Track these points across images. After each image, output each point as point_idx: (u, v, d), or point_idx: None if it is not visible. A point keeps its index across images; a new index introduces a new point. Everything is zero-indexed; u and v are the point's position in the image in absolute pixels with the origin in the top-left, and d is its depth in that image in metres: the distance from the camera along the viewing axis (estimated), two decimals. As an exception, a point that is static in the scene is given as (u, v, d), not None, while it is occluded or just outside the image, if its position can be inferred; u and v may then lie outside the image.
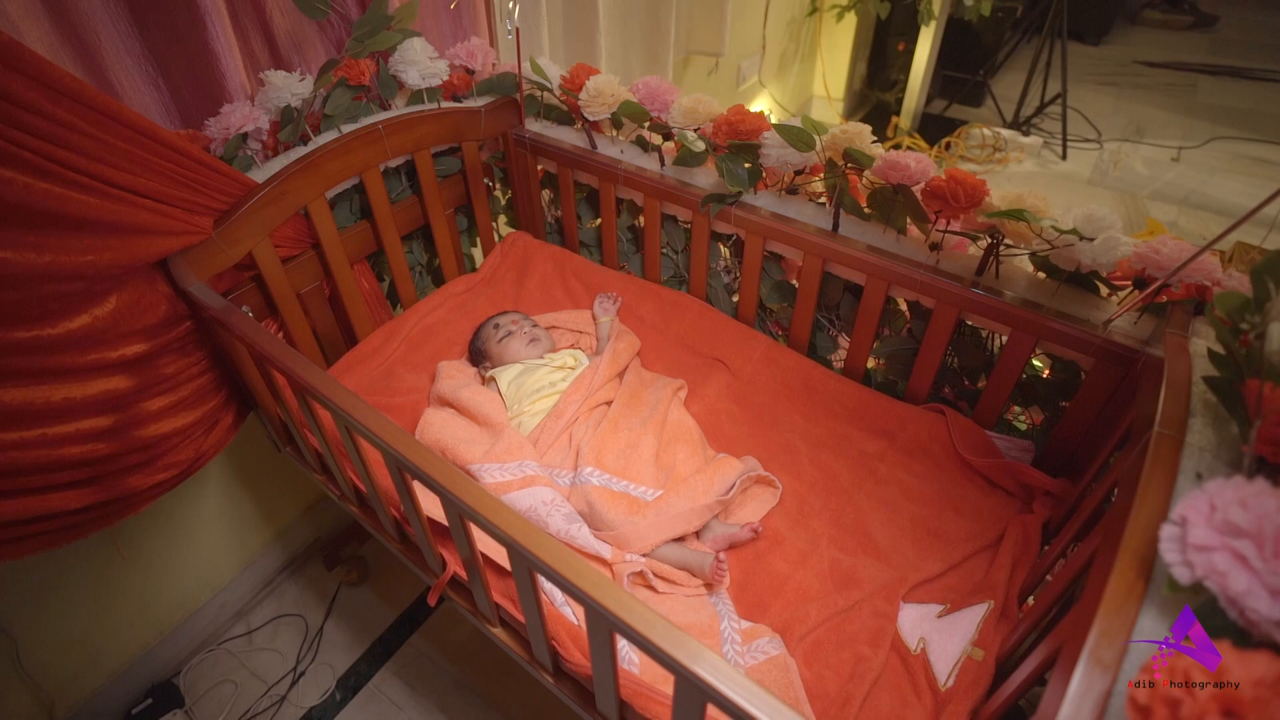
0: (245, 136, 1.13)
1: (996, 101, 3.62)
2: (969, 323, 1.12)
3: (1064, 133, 3.41)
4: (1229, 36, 4.46)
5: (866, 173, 1.12)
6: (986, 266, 1.04)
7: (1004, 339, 1.12)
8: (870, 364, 1.27)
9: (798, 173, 1.20)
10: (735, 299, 1.40)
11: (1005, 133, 3.47)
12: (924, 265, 1.08)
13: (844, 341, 1.31)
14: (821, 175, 1.21)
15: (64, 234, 0.81)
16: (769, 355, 1.32)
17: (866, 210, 1.15)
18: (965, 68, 3.59)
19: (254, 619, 1.67)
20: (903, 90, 3.41)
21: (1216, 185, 3.10)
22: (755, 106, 3.08)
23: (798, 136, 1.10)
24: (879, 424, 1.22)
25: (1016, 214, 0.90)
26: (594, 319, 1.42)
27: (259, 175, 1.13)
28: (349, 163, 1.23)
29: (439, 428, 1.10)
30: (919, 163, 1.04)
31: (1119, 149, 3.48)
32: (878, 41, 3.46)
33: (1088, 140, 3.53)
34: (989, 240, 1.03)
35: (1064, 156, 3.41)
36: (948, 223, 1.06)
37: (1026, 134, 3.53)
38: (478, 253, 1.66)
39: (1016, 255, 1.04)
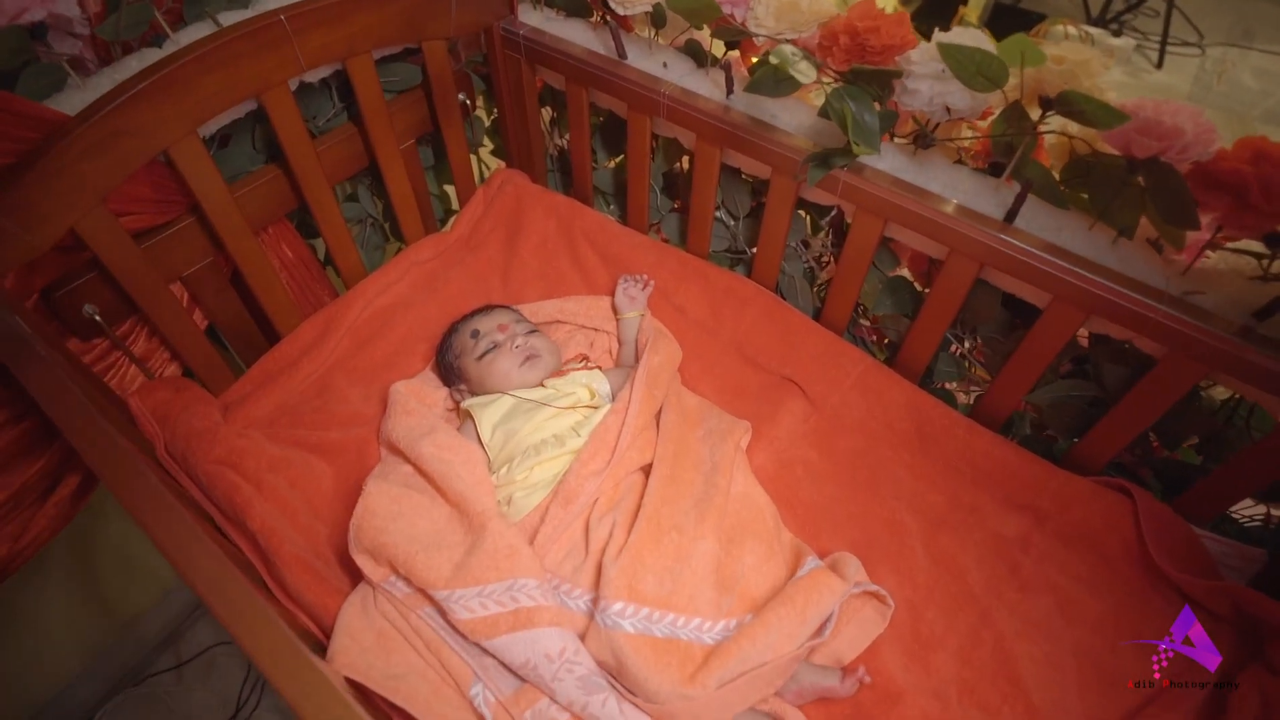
0: (41, 31, 0.67)
1: (1085, -10, 3.00)
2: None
3: (1164, 34, 2.84)
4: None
5: (1073, 128, 0.70)
6: (1281, 308, 0.64)
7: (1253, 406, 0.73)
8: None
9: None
10: (818, 290, 0.99)
11: (1093, 32, 2.89)
12: (1160, 293, 0.67)
13: (972, 366, 0.92)
14: (988, 124, 0.77)
15: None
16: (867, 381, 0.93)
17: (1062, 189, 0.73)
18: (1053, -56, 2.94)
19: (184, 648, 1.36)
20: (977, -29, 2.79)
21: (1346, 107, 2.60)
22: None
23: (980, 65, 0.66)
24: (1025, 496, 0.86)
25: None
26: (614, 312, 1.01)
27: (71, 102, 0.68)
28: (236, 76, 0.77)
29: (385, 518, 0.72)
30: (1195, 124, 0.61)
31: (1224, 56, 2.92)
32: (951, -94, 2.80)
33: (1187, 44, 2.96)
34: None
35: (1159, 64, 2.86)
36: (1219, 229, 0.65)
37: (1117, 34, 2.95)
38: (452, 191, 1.21)
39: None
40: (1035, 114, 0.72)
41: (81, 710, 1.27)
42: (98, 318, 0.78)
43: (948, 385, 0.95)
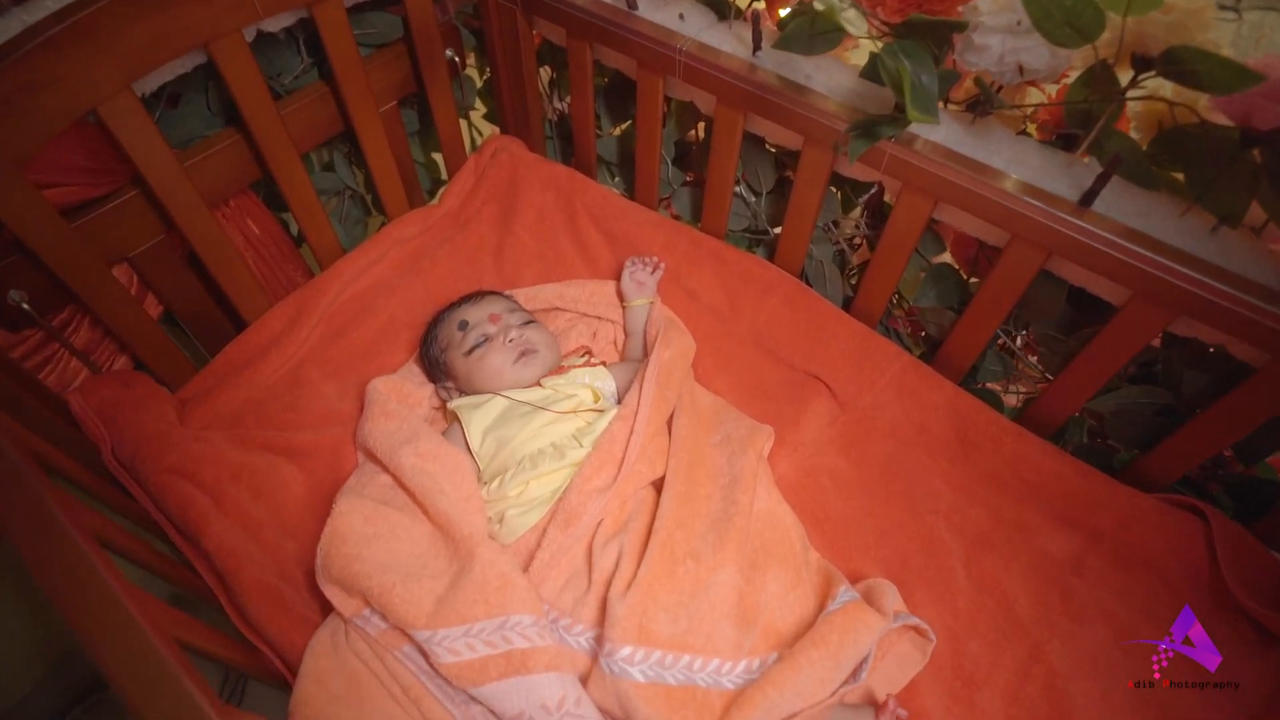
0: (-72, -41, 0.55)
1: (1118, -53, 2.83)
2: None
3: (1200, -5, 2.67)
4: None
5: (1167, 90, 0.59)
6: None
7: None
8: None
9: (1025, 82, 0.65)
10: (850, 276, 0.89)
11: (1125, -8, 2.73)
12: (1269, 291, 0.57)
13: (1022, 364, 0.82)
14: (1061, 87, 0.66)
15: None
16: (903, 380, 0.83)
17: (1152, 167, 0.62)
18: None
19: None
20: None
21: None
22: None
23: (1069, 14, 0.55)
24: (1078, 513, 0.77)
25: None
26: (620, 298, 0.91)
27: (-29, 48, 0.57)
28: (176, 22, 0.65)
29: (358, 543, 0.62)
30: (1336, 90, 0.50)
31: (1261, 21, 2.76)
32: None
33: (1223, 8, 2.79)
34: None
35: (1194, 28, 2.71)
36: (1351, 217, 0.54)
37: (1150, -5, 2.79)
38: (440, 159, 1.10)
39: None
40: (1123, 76, 0.61)
41: (45, 719, 1.20)
42: (26, 305, 0.68)
43: (992, 385, 0.85)
